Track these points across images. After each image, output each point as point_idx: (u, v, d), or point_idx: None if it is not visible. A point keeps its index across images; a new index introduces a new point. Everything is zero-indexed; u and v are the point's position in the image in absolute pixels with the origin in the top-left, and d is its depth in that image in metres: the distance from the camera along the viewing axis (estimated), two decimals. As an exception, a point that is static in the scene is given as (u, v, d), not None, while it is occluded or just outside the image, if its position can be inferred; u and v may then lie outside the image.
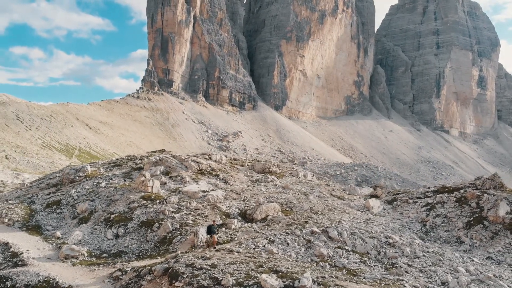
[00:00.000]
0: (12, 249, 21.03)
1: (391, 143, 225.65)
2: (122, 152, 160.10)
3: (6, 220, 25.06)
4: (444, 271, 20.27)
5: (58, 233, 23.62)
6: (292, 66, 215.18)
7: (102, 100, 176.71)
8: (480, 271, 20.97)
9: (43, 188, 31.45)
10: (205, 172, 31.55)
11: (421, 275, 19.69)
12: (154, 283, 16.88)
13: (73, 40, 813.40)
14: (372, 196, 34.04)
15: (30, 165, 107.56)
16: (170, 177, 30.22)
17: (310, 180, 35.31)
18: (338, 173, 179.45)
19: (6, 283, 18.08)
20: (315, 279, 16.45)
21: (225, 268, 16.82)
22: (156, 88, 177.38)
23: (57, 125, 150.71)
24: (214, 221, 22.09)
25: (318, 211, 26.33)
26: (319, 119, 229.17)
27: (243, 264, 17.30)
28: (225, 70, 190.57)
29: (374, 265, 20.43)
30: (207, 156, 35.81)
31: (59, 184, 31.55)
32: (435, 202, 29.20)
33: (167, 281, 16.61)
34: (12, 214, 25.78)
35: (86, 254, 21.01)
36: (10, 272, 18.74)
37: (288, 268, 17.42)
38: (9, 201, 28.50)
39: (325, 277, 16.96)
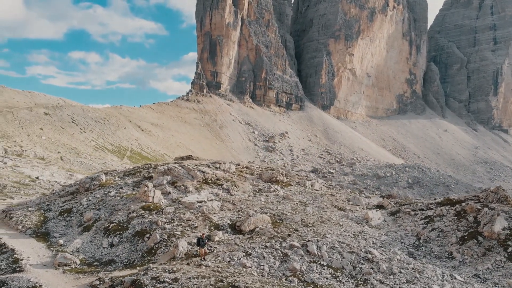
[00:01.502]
0: (15, 255, 23.19)
1: (445, 143, 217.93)
2: (172, 153, 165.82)
3: (20, 227, 27.53)
4: (416, 289, 20.25)
5: (61, 241, 25.63)
6: (341, 65, 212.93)
7: (153, 103, 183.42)
8: (457, 290, 20.75)
9: (62, 195, 33.96)
10: (210, 181, 32.79)
11: (389, 292, 19.82)
12: (122, 294, 18.26)
13: (128, 44, 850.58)
14: (379, 206, 33.92)
15: (83, 166, 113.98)
16: (175, 187, 31.67)
17: (316, 190, 35.64)
18: (388, 174, 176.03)
19: (2, 287, 20.14)
20: (269, 296, 17.16)
21: (186, 282, 17.88)
22: (204, 91, 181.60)
23: (110, 127, 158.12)
24: (203, 234, 22.94)
25: (309, 223, 26.79)
26: (369, 119, 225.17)
27: (204, 279, 18.27)
28: (271, 71, 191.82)
29: (346, 281, 20.74)
30: (217, 165, 37.04)
31: (76, 192, 33.97)
32: (434, 215, 28.79)
33: (132, 293, 17.94)
34: (27, 221, 28.22)
35: (78, 262, 22.75)
36: (7, 277, 20.77)
37: (247, 283, 18.20)
38: (29, 208, 31.12)
39: (281, 293, 17.62)
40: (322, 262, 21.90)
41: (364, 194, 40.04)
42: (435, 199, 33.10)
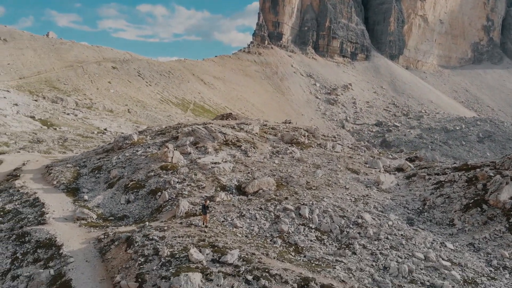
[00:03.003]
0: (43, 209, 26.30)
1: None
2: (233, 106, 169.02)
3: (54, 182, 30.79)
4: (398, 256, 20.65)
5: (86, 196, 28.46)
6: (411, 11, 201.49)
7: (215, 56, 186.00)
8: (442, 258, 20.90)
9: (99, 153, 37.04)
10: (229, 143, 34.19)
11: (368, 258, 20.41)
12: (117, 248, 20.49)
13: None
14: (398, 169, 33.72)
15: (149, 118, 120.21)
16: (196, 148, 33.43)
17: (336, 152, 35.89)
18: (457, 128, 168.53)
19: (26, 237, 23.17)
20: (242, 255, 18.53)
21: (170, 241, 19.68)
22: (266, 42, 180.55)
23: (174, 80, 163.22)
24: (206, 201, 23.60)
25: (313, 186, 27.55)
26: (441, 69, 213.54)
27: (189, 238, 19.97)
28: (336, 19, 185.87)
29: (329, 244, 21.62)
30: (242, 126, 38.22)
31: (110, 150, 36.86)
32: (446, 180, 28.35)
33: (124, 248, 20.14)
34: (61, 177, 31.44)
35: (95, 217, 25.38)
36: (31, 229, 23.85)
37: (226, 243, 19.68)
38: (67, 164, 34.46)
39: (254, 254, 18.92)
40: (311, 225, 22.86)
41: (391, 155, 39.62)
42: (454, 163, 32.37)
